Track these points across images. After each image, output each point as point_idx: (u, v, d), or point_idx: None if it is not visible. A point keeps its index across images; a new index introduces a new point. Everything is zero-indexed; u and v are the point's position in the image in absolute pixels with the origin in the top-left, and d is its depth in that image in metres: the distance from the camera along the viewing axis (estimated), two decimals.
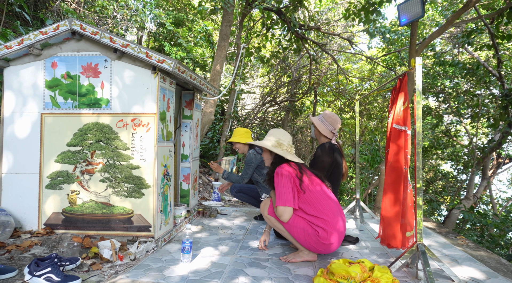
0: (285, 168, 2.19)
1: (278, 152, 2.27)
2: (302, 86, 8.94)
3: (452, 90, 7.90)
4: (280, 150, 2.29)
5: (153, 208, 2.39)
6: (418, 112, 1.98)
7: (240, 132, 3.55)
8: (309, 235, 2.15)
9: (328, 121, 2.80)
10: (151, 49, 2.32)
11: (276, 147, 2.30)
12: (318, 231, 2.13)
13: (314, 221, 2.15)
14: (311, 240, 2.15)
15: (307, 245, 2.19)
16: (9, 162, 2.48)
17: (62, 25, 2.35)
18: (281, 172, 2.18)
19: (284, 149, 2.30)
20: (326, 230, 2.13)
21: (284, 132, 2.40)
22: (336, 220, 2.17)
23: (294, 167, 2.24)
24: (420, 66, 1.97)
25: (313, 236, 2.14)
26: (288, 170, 2.19)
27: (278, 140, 2.32)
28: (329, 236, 2.13)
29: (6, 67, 2.48)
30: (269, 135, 2.39)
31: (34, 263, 1.78)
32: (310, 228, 2.15)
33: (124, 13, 6.70)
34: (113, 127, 2.43)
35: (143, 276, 1.92)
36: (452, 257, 2.43)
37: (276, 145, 2.31)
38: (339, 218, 2.20)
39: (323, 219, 2.14)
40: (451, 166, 10.40)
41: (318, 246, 2.16)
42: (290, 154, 2.30)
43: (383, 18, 6.31)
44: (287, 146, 2.33)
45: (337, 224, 2.17)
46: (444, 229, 3.39)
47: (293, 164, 2.26)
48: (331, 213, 2.16)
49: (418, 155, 1.97)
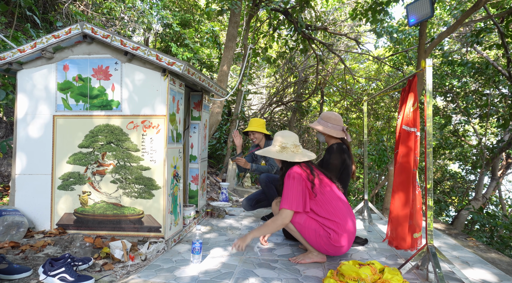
0: (296, 170, 2.17)
1: (283, 157, 2.23)
2: (309, 87, 8.92)
3: (460, 90, 7.82)
4: (286, 153, 2.25)
5: (163, 208, 2.41)
6: (429, 113, 1.97)
7: (259, 122, 3.50)
8: (321, 236, 2.15)
9: (333, 123, 2.76)
10: (161, 52, 2.34)
11: (281, 151, 2.27)
12: (330, 233, 2.13)
13: (325, 223, 2.15)
14: (322, 241, 2.16)
15: (317, 246, 2.20)
16: (22, 163, 2.52)
17: (74, 28, 2.39)
18: (292, 175, 2.15)
19: (289, 151, 2.27)
20: (337, 232, 2.13)
21: (286, 134, 2.34)
22: (346, 221, 2.17)
23: (305, 168, 2.20)
24: (430, 67, 1.96)
25: (324, 238, 2.14)
26: (299, 172, 2.16)
27: (281, 144, 2.29)
28: (340, 238, 2.13)
29: (20, 70, 2.53)
30: (274, 140, 2.37)
31: (49, 263, 1.81)
32: (322, 230, 2.15)
33: (131, 15, 6.76)
34: (124, 129, 2.46)
35: (154, 276, 1.94)
36: (463, 259, 2.42)
37: (280, 149, 2.27)
38: (349, 219, 2.19)
39: (334, 221, 2.14)
40: (459, 166, 10.30)
41: (328, 248, 2.17)
42: (297, 154, 2.26)
43: (390, 17, 6.27)
44: (291, 147, 2.28)
45: (348, 226, 2.17)
46: (454, 231, 3.37)
47: (304, 166, 2.22)
48: (342, 214, 2.16)
49: (428, 155, 1.96)
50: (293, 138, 2.32)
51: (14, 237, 2.27)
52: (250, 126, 3.50)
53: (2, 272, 1.77)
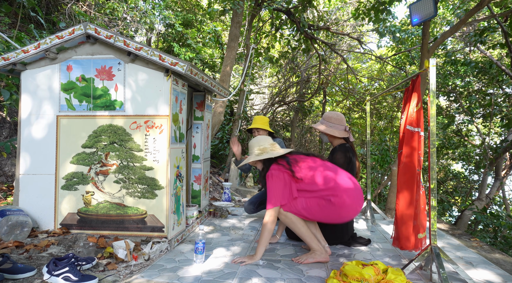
0: (273, 168, 2.26)
1: (265, 156, 2.32)
2: (311, 86, 8.91)
3: (464, 90, 7.78)
4: (266, 154, 2.35)
5: (166, 208, 2.42)
6: (432, 113, 1.96)
7: (264, 120, 3.50)
8: (325, 206, 2.20)
9: (336, 123, 2.75)
10: (164, 52, 2.35)
11: (261, 154, 2.36)
12: (330, 198, 2.19)
13: (323, 194, 2.21)
14: (329, 210, 2.20)
15: (331, 218, 2.24)
16: (26, 163, 2.53)
17: (77, 29, 2.40)
18: (270, 174, 2.25)
19: (268, 151, 2.36)
20: (336, 194, 2.18)
21: (259, 138, 2.44)
22: (340, 182, 2.22)
23: (281, 161, 2.29)
24: (434, 67, 1.96)
25: (328, 206, 2.19)
26: (275, 168, 2.26)
27: (259, 148, 2.38)
28: (342, 198, 2.18)
29: (23, 71, 2.54)
30: (250, 149, 2.45)
31: (53, 262, 1.82)
32: (323, 200, 2.21)
33: (134, 15, 6.78)
34: (127, 129, 2.46)
35: (157, 276, 1.94)
36: (467, 259, 2.41)
37: (260, 152, 2.36)
38: (342, 179, 2.24)
39: (328, 188, 2.20)
40: (462, 166, 10.25)
41: (339, 213, 2.20)
42: (275, 151, 2.36)
43: (393, 17, 6.26)
44: (269, 147, 2.38)
45: (343, 184, 2.22)
46: (457, 231, 3.35)
47: (279, 160, 2.30)
48: (331, 179, 2.22)
49: (432, 155, 1.96)
50: (268, 140, 2.43)
51: (18, 236, 2.29)
52: (254, 123, 3.50)
53: (6, 271, 1.78)
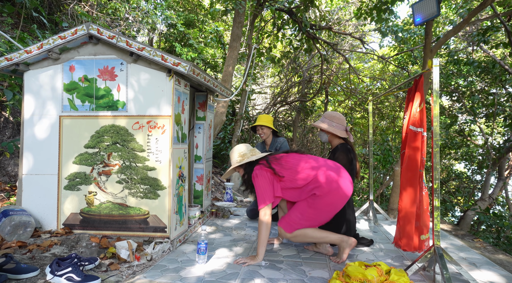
0: (256, 170, 2.31)
1: (246, 161, 2.37)
2: (313, 86, 8.90)
3: (466, 89, 7.75)
4: (247, 158, 2.39)
5: (169, 209, 2.42)
6: (436, 113, 1.95)
7: (268, 118, 3.51)
8: (315, 203, 2.22)
9: (337, 122, 2.74)
10: (166, 52, 2.35)
11: (242, 160, 2.40)
12: (315, 192, 2.21)
13: (307, 189, 2.23)
14: (321, 204, 2.22)
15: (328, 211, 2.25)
16: (29, 163, 2.54)
17: (80, 29, 2.40)
18: (255, 174, 2.29)
19: (248, 155, 2.41)
20: (318, 185, 2.20)
21: (238, 146, 2.49)
22: (318, 170, 2.24)
23: (262, 162, 2.34)
24: (437, 67, 1.95)
25: (317, 200, 2.21)
26: (258, 168, 2.30)
27: (240, 154, 2.42)
28: (327, 186, 2.19)
29: (26, 71, 2.55)
30: (231, 159, 2.49)
31: (55, 262, 1.82)
32: (310, 199, 2.24)
33: (136, 15, 6.79)
34: (129, 129, 2.47)
35: (160, 276, 1.94)
36: (470, 260, 2.40)
37: (241, 158, 2.41)
38: (320, 167, 2.26)
39: (311, 180, 2.22)
40: (465, 166, 10.21)
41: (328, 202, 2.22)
42: (255, 155, 2.41)
43: (395, 16, 6.23)
44: (248, 152, 2.43)
45: (322, 172, 2.23)
46: (460, 232, 3.34)
47: (260, 162, 2.35)
48: (309, 170, 2.24)
49: (435, 155, 1.95)
50: (246, 146, 2.49)
51: (21, 236, 2.29)
52: (259, 121, 3.50)
53: (10, 271, 1.79)
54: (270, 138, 3.59)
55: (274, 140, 3.59)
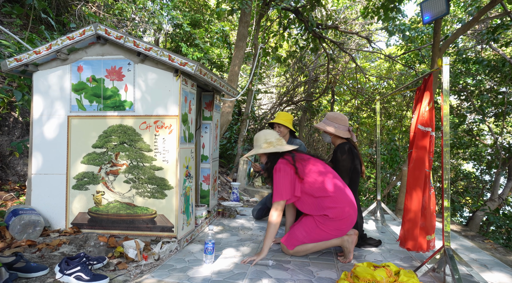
0: (281, 162, 2.28)
1: (272, 150, 2.34)
2: (319, 86, 8.86)
3: (475, 88, 7.65)
4: (273, 147, 2.36)
5: (176, 208, 2.42)
6: (445, 112, 1.93)
7: (288, 117, 3.31)
8: (322, 223, 2.21)
9: (340, 123, 2.72)
10: (173, 52, 2.35)
11: (268, 147, 2.37)
12: (327, 213, 2.19)
13: (323, 204, 2.20)
14: (329, 225, 2.20)
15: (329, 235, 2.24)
16: (38, 163, 2.56)
17: (88, 30, 2.41)
18: (277, 168, 2.27)
19: (274, 145, 2.38)
20: (335, 207, 2.19)
21: (265, 132, 2.44)
22: (342, 193, 2.23)
23: (287, 157, 2.31)
24: (447, 66, 1.92)
25: (326, 220, 2.20)
26: (283, 162, 2.28)
27: (266, 141, 2.39)
28: (341, 211, 2.19)
29: (35, 71, 2.57)
30: (256, 141, 2.46)
31: (65, 261, 1.83)
32: (319, 216, 2.23)
33: (142, 15, 6.82)
34: (137, 129, 2.47)
35: (168, 276, 1.95)
36: (481, 261, 2.36)
37: (267, 145, 2.38)
38: (345, 190, 2.26)
39: (329, 196, 2.20)
40: (473, 166, 10.08)
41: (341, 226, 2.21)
42: (282, 146, 2.37)
43: (402, 15, 6.17)
44: (275, 141, 2.39)
45: (345, 196, 2.23)
46: (470, 232, 3.29)
47: (286, 156, 2.32)
48: (334, 187, 2.23)
49: (445, 155, 1.92)
50: (274, 134, 2.45)
51: (30, 235, 2.31)
52: (277, 118, 3.30)
53: (20, 270, 1.80)
54: (286, 138, 3.43)
55: (291, 141, 3.42)
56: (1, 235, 2.31)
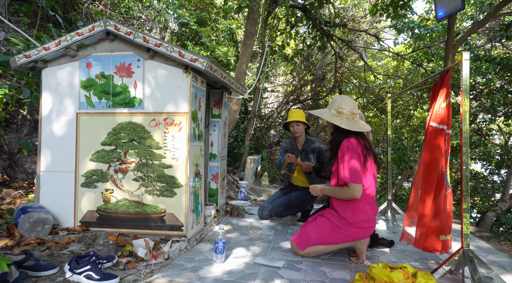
0: (354, 142, 2.06)
1: (338, 122, 2.10)
2: (326, 84, 8.78)
3: (484, 87, 7.52)
4: (340, 119, 2.12)
5: (185, 207, 2.39)
6: (465, 110, 1.86)
7: (302, 114, 3.17)
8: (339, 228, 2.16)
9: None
10: (183, 48, 2.31)
11: (336, 115, 2.13)
12: (347, 218, 2.12)
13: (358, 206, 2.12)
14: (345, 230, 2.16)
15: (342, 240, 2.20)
16: (47, 161, 2.54)
17: (97, 25, 2.38)
18: (351, 146, 2.03)
19: (344, 117, 2.12)
20: (370, 218, 2.15)
21: (345, 99, 2.17)
22: (375, 202, 2.19)
23: (361, 141, 2.12)
24: (467, 61, 1.86)
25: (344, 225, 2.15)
26: (355, 143, 2.06)
27: (338, 109, 2.14)
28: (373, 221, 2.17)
29: (44, 68, 2.55)
30: (331, 103, 2.22)
31: (74, 260, 1.81)
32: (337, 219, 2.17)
33: (148, 14, 6.80)
34: (146, 126, 2.44)
35: (178, 276, 1.91)
36: (499, 263, 2.29)
37: (336, 113, 2.13)
38: (375, 204, 2.22)
39: (370, 204, 2.14)
40: (482, 166, 9.93)
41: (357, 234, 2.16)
42: (354, 124, 2.12)
43: (412, 12, 6.08)
44: (348, 114, 2.12)
45: (376, 208, 2.21)
46: (485, 233, 3.22)
47: (360, 138, 2.12)
48: (372, 200, 2.17)
49: (465, 154, 1.86)
50: (352, 104, 2.16)
51: (39, 233, 2.29)
52: (292, 116, 3.15)
53: (30, 268, 1.78)
54: (303, 137, 3.27)
55: (308, 140, 3.26)
56: (10, 232, 2.29)
